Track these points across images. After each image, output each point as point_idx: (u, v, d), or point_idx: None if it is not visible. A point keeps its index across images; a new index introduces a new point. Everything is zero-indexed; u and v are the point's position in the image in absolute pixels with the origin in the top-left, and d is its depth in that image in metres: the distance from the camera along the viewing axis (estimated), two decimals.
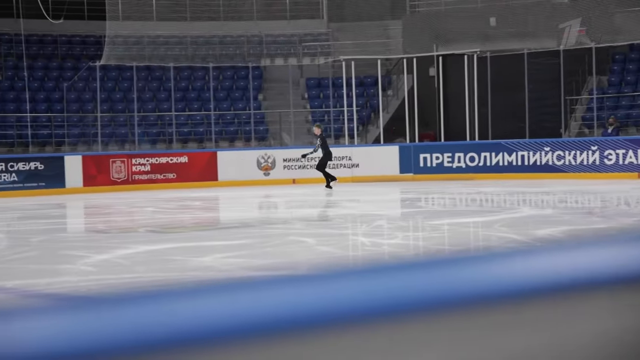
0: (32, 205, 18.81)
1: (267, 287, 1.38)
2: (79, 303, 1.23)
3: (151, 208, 17.79)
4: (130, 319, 1.23)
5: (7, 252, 10.19)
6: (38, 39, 31.36)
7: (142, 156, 24.72)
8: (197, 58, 29.85)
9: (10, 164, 22.61)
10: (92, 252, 9.82)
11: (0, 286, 7.19)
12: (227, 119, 29.81)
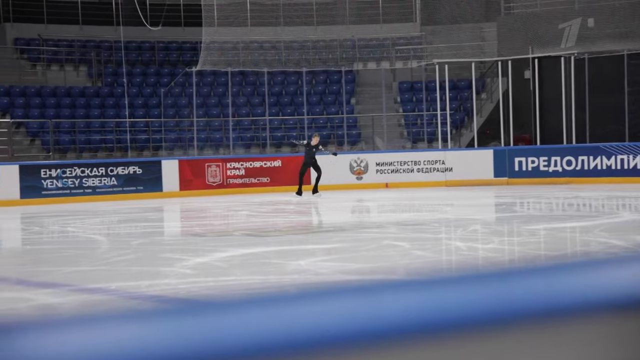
0: (131, 209, 19.21)
1: (385, 291, 1.39)
2: (189, 306, 1.24)
3: (246, 212, 17.98)
4: (247, 323, 1.24)
5: (109, 254, 10.43)
6: (136, 45, 32.06)
7: (237, 160, 25.00)
8: (291, 63, 30.07)
9: (110, 168, 23.14)
10: (190, 255, 9.97)
11: (103, 288, 7.36)
12: (320, 123, 29.94)
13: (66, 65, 30.66)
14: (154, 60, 32.25)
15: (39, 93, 28.71)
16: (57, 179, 22.23)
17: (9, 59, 30.27)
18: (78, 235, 14.00)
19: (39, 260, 9.96)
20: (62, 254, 10.59)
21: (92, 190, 22.77)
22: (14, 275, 8.65)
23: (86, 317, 1.16)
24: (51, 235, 14.34)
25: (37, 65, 30.49)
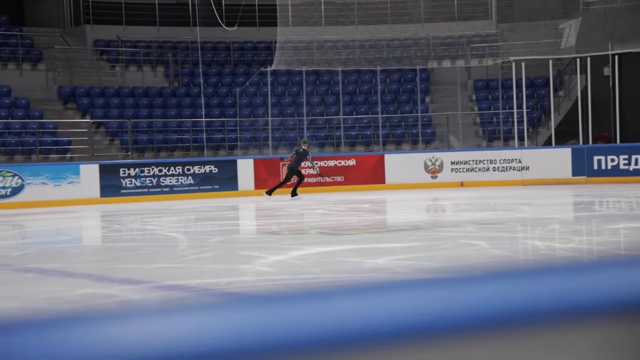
0: (207, 207, 19.42)
1: (460, 286, 1.38)
2: (266, 300, 1.25)
3: (320, 210, 18.03)
4: (326, 318, 1.24)
5: (188, 252, 10.56)
6: (212, 46, 32.40)
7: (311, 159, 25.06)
8: (365, 61, 30.05)
9: (186, 167, 23.43)
10: (267, 253, 10.04)
11: (183, 285, 7.46)
12: (394, 122, 29.86)
13: (144, 66, 31.15)
14: (229, 60, 32.55)
15: (118, 93, 29.22)
16: (135, 178, 22.60)
17: (89, 60, 30.86)
18: (157, 233, 14.21)
19: (120, 258, 10.14)
20: (142, 251, 10.77)
21: (170, 189, 23.09)
22: (97, 271, 8.82)
23: (169, 312, 1.17)
24: (131, 233, 14.59)
25: (115, 66, 31.03)
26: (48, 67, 29.20)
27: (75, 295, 7.04)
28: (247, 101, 30.40)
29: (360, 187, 24.52)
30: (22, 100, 27.02)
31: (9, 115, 26.20)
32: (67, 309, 4.01)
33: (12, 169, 21.36)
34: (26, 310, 6.28)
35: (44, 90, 28.74)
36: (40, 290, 7.39)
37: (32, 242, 13.42)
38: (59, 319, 1.14)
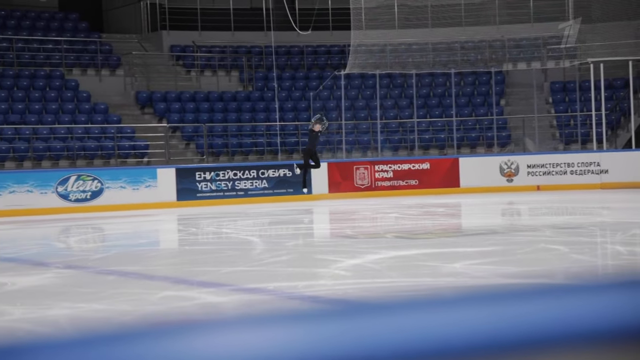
0: (282, 211, 19.52)
1: (545, 296, 1.35)
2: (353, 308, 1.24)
3: (395, 214, 17.97)
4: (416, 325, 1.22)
5: (265, 255, 10.62)
6: (286, 50, 32.59)
7: (385, 163, 25.05)
8: (439, 64, 29.88)
9: (261, 171, 23.60)
10: (344, 257, 10.04)
11: (262, 288, 7.50)
12: (468, 124, 29.62)
13: (219, 70, 31.47)
14: (302, 64, 32.69)
15: (193, 98, 29.58)
16: (211, 182, 22.83)
17: (165, 66, 31.32)
18: (233, 236, 14.33)
19: (198, 261, 10.25)
20: (220, 254, 10.87)
21: (244, 192, 23.27)
22: (176, 274, 8.93)
23: (249, 316, 1.17)
24: (207, 237, 14.74)
25: (191, 71, 31.42)
26: (126, 73, 29.71)
27: (157, 297, 7.14)
28: (321, 105, 30.48)
29: (434, 191, 24.38)
30: (101, 105, 27.53)
31: (88, 120, 26.72)
32: (150, 311, 4.06)
33: (92, 173, 21.77)
34: (110, 312, 6.38)
35: (122, 95, 29.24)
36: (122, 293, 7.50)
37: (112, 245, 13.65)
38: (142, 321, 1.15)
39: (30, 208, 20.54)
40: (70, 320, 6.18)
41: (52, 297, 7.48)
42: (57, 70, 28.59)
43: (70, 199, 21.20)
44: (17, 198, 20.56)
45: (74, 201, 21.20)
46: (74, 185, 21.30)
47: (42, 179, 21.01)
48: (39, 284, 8.45)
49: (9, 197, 20.47)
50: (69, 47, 29.57)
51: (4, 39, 28.69)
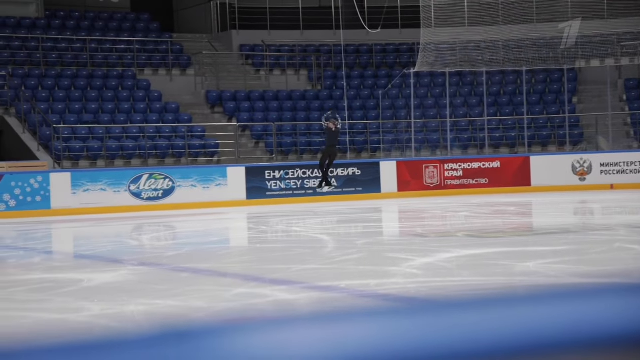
0: (351, 209, 19.53)
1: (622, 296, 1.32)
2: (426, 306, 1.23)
3: (465, 213, 17.84)
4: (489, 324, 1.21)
5: (335, 253, 10.65)
6: (355, 48, 32.58)
7: (455, 161, 24.88)
8: (509, 62, 29.56)
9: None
10: (415, 255, 10.00)
11: (334, 286, 7.52)
12: (539, 123, 29.26)
13: (288, 69, 31.62)
14: (371, 62, 32.66)
15: (263, 97, 29.76)
16: (280, 180, 22.95)
17: (235, 65, 31.57)
18: (303, 234, 14.39)
19: (270, 259, 10.32)
20: (291, 252, 10.93)
21: (313, 191, 23.34)
22: (248, 272, 9.00)
23: (324, 314, 1.17)
24: (277, 235, 14.82)
25: (260, 71, 31.62)
26: (196, 72, 30.04)
27: (230, 295, 7.20)
28: (390, 103, 30.41)
29: (505, 190, 24.14)
30: (172, 104, 27.88)
31: (160, 120, 27.08)
32: (224, 308, 4.10)
33: (164, 171, 22.05)
34: (184, 308, 6.47)
35: (192, 94, 29.57)
36: (196, 290, 7.59)
37: (184, 243, 13.82)
38: (218, 318, 1.16)
39: (103, 206, 20.90)
40: (147, 316, 6.27)
41: (127, 293, 7.61)
42: (129, 70, 29.03)
43: (142, 197, 21.51)
44: (91, 196, 20.93)
45: (146, 199, 21.51)
46: (146, 184, 21.61)
47: (115, 178, 21.36)
48: (115, 280, 8.59)
49: (83, 195, 20.86)
50: (140, 47, 30.00)
51: (78, 40, 29.24)
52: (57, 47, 28.79)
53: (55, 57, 28.43)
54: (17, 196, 20.12)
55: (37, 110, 25.13)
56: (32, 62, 28.02)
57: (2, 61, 27.50)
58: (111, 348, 1.07)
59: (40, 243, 14.87)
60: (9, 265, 10.97)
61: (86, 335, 1.07)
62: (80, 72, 28.14)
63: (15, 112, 25.81)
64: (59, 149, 24.22)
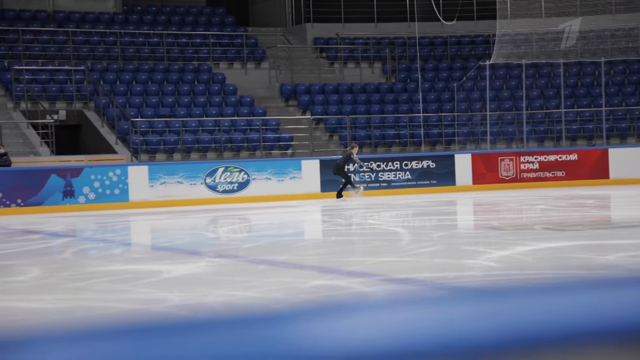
0: (425, 202, 19.45)
1: None
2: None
3: (542, 206, 17.62)
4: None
5: (412, 246, 10.63)
6: (429, 41, 32.40)
7: (531, 154, 24.59)
8: (587, 53, 29.07)
9: (404, 162, 23.57)
10: (492, 248, 9.93)
11: (411, 278, 7.51)
12: (618, 115, 28.71)
13: (362, 62, 31.60)
14: (446, 54, 32.44)
15: (337, 90, 29.79)
16: (354, 173, 22.95)
17: (309, 58, 31.67)
18: (378, 227, 14.39)
19: (346, 251, 10.35)
20: (367, 245, 10.94)
21: (387, 184, 23.30)
22: (325, 264, 9.04)
23: (402, 305, 1.17)
24: (353, 227, 14.84)
25: (334, 64, 31.66)
26: (271, 66, 30.22)
27: (308, 286, 7.25)
28: (464, 96, 30.17)
29: (582, 182, 23.78)
30: (247, 98, 28.10)
31: (235, 113, 27.32)
32: (302, 300, 4.14)
33: (239, 164, 22.25)
34: (263, 299, 6.53)
35: (267, 88, 29.76)
36: (274, 282, 7.66)
37: (260, 235, 13.94)
38: (296, 309, 1.17)
39: (180, 199, 21.18)
40: (226, 307, 6.35)
41: (206, 284, 7.71)
42: (204, 64, 29.35)
43: (218, 190, 21.74)
44: (168, 189, 21.23)
45: (222, 192, 21.73)
46: (221, 177, 21.84)
47: (192, 171, 21.62)
48: (194, 272, 8.71)
49: (160, 188, 21.17)
50: (216, 41, 30.30)
51: (155, 35, 29.67)
52: (134, 41, 29.26)
53: (132, 52, 28.90)
54: (97, 189, 20.51)
55: (115, 104, 25.58)
56: (110, 57, 28.52)
57: (81, 56, 28.05)
58: (195, 337, 1.08)
59: (119, 235, 15.15)
60: (91, 256, 11.21)
61: (168, 325, 1.08)
62: (157, 66, 28.55)
63: (94, 106, 26.32)
64: (136, 142, 24.62)
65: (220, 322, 1.12)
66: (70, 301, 7.05)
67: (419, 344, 1.12)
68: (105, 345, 1.05)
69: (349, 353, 1.10)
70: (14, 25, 28.27)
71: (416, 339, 1.12)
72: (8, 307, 6.92)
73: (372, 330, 1.12)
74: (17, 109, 25.50)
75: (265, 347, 1.09)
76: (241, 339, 1.09)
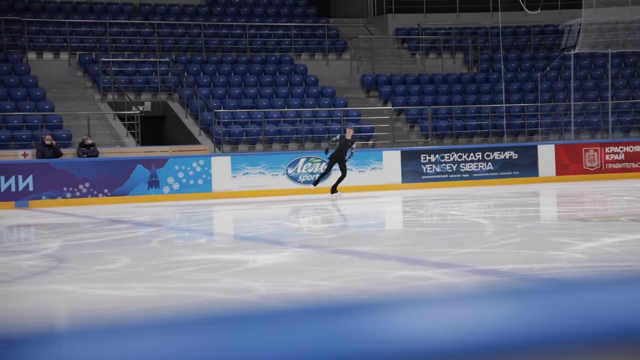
0: (508, 193, 19.26)
1: None
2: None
3: (628, 197, 17.31)
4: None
5: (496, 237, 10.56)
6: (512, 30, 32.01)
7: (616, 145, 24.14)
8: None
9: (486, 153, 23.37)
10: (578, 240, 9.81)
11: (496, 270, 7.48)
12: None
13: (443, 52, 31.40)
14: (529, 44, 32.01)
15: (418, 81, 29.67)
16: (435, 164, 22.86)
17: (390, 49, 31.59)
18: (460, 218, 14.32)
19: (429, 242, 10.33)
20: (450, 236, 10.90)
21: (469, 175, 23.14)
22: (409, 255, 9.05)
23: (490, 296, 1.17)
24: (435, 218, 14.80)
25: (416, 54, 31.53)
26: (352, 57, 30.24)
27: (393, 277, 7.27)
28: (548, 86, 29.75)
29: None
30: (328, 89, 28.18)
31: (316, 104, 27.43)
32: (387, 290, 4.17)
33: (320, 155, 22.34)
34: (348, 290, 6.58)
35: (348, 79, 29.80)
36: (358, 272, 7.70)
37: (342, 226, 14.00)
38: (381, 299, 1.17)
39: (262, 189, 21.37)
40: (312, 297, 6.42)
41: (291, 274, 7.79)
42: (286, 55, 29.53)
43: (299, 180, 21.87)
44: (250, 180, 21.45)
45: (303, 183, 21.85)
46: (303, 167, 21.95)
47: (274, 162, 21.79)
48: (278, 262, 8.81)
49: (243, 178, 21.39)
50: (298, 32, 30.45)
51: (238, 26, 29.95)
52: (217, 33, 29.59)
53: (216, 44, 29.23)
54: (180, 179, 20.83)
55: (198, 96, 25.92)
56: (194, 49, 28.90)
57: (166, 48, 28.49)
58: (283, 325, 1.11)
59: (203, 225, 15.38)
60: (176, 245, 11.42)
61: (256, 314, 1.11)
62: (239, 57, 28.83)
63: (178, 97, 26.71)
64: (219, 133, 24.92)
65: (308, 312, 1.14)
66: (160, 289, 7.20)
67: (512, 336, 1.13)
68: (199, 334, 1.07)
69: (437, 345, 1.11)
70: (102, 18, 28.86)
71: (509, 331, 1.13)
72: (100, 294, 7.11)
73: (461, 322, 1.13)
74: (104, 101, 26.04)
75: (355, 337, 1.11)
76: (330, 329, 1.11)
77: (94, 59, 27.04)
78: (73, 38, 27.71)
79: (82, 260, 9.33)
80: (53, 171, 19.89)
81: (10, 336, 1.05)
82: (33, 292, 7.37)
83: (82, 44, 27.75)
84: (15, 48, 27.03)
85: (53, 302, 6.82)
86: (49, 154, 21.66)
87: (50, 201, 19.57)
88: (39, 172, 19.75)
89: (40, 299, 6.99)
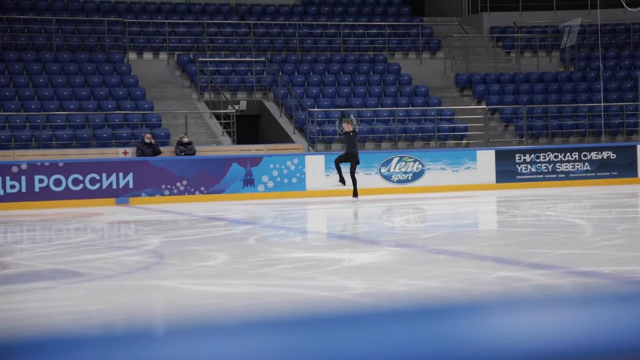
0: (605, 194, 18.92)
1: None
2: None
3: None
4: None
5: (595, 239, 10.40)
6: (611, 28, 31.38)
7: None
8: None
9: (583, 153, 22.99)
10: None
11: (597, 271, 7.38)
12: None
13: (539, 51, 30.97)
14: (628, 42, 31.32)
15: (513, 79, 29.34)
16: (530, 164, 22.58)
17: (485, 48, 31.32)
18: (557, 219, 14.13)
19: (526, 242, 10.24)
20: (547, 237, 10.78)
21: (565, 175, 22.80)
22: (506, 255, 8.99)
23: (591, 298, 1.17)
24: (530, 219, 14.64)
25: (511, 53, 31.18)
26: (446, 56, 30.09)
27: (491, 277, 7.25)
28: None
29: None
30: (422, 88, 28.10)
31: (409, 103, 27.38)
32: (487, 291, 4.19)
33: (413, 154, 22.31)
34: (446, 290, 6.59)
35: (441, 78, 29.65)
36: (456, 272, 7.69)
37: (437, 225, 13.97)
38: (483, 300, 1.17)
39: None
40: (409, 296, 6.45)
41: (388, 273, 7.83)
42: (380, 54, 29.55)
43: (392, 179, 21.88)
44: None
45: (396, 182, 21.85)
46: (396, 167, 21.96)
47: (367, 160, 21.83)
48: (374, 260, 8.86)
49: (336, 177, 21.47)
50: (391, 31, 30.43)
51: (332, 26, 30.10)
52: (312, 33, 29.79)
53: (310, 43, 29.44)
54: (275, 177, 21.06)
55: (293, 95, 26.16)
56: (289, 48, 29.16)
57: (262, 48, 28.83)
58: (386, 326, 1.12)
59: (298, 223, 15.54)
60: (273, 243, 11.57)
61: (354, 312, 1.13)
62: (333, 57, 28.98)
63: (273, 96, 27.00)
64: (313, 132, 25.10)
65: (407, 312, 1.15)
66: (259, 286, 7.32)
67: (621, 339, 1.13)
68: (301, 333, 1.09)
69: (541, 347, 1.11)
70: (199, 18, 29.36)
71: (616, 335, 1.13)
72: (200, 290, 7.27)
73: (566, 325, 1.13)
74: (201, 100, 26.50)
75: (456, 338, 1.12)
76: (432, 330, 1.12)
77: (192, 59, 27.54)
78: (172, 38, 28.27)
79: (181, 256, 9.55)
80: (152, 169, 20.35)
81: (112, 335, 1.09)
82: (137, 287, 7.59)
83: (181, 44, 28.28)
84: (117, 48, 27.72)
85: (156, 298, 7.01)
86: (148, 152, 22.18)
87: (149, 198, 20.02)
88: (139, 170, 20.22)
89: (143, 294, 7.19)
